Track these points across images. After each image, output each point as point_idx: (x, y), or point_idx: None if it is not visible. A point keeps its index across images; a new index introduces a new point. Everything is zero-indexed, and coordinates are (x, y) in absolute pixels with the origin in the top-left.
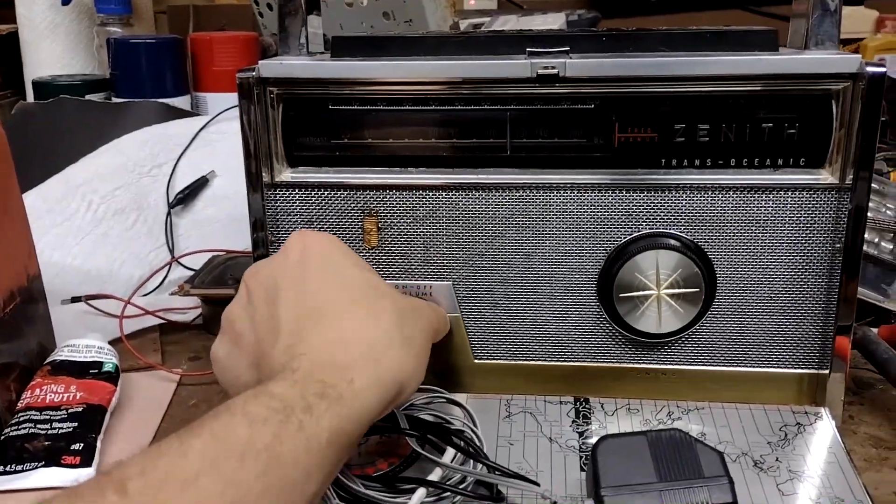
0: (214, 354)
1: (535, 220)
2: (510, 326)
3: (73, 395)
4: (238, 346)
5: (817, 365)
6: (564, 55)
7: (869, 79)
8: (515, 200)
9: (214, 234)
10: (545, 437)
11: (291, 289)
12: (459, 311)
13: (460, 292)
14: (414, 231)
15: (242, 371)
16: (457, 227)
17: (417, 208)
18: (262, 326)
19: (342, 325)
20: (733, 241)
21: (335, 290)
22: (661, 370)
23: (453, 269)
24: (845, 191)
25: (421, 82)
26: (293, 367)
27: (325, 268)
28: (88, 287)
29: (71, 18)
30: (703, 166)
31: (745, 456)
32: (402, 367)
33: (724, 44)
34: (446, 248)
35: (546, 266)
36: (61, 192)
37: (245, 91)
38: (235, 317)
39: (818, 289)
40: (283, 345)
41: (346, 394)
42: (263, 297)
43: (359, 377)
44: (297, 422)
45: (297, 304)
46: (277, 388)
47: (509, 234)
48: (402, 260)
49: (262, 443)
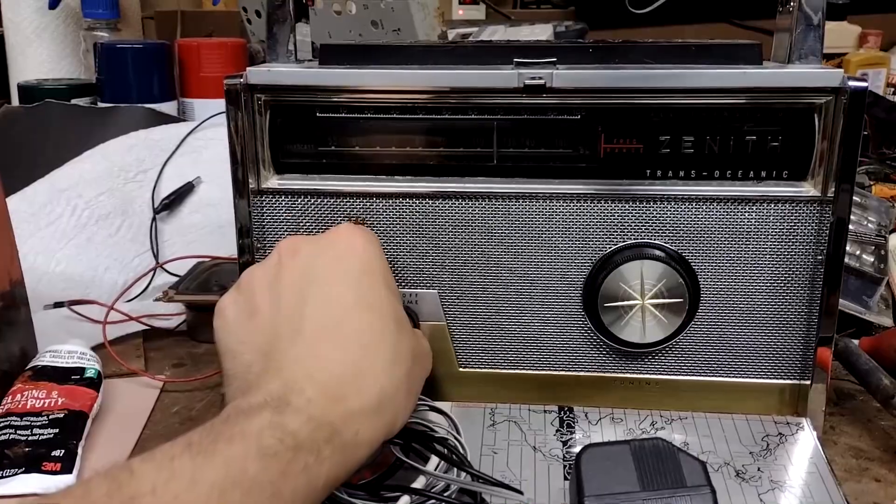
0: (222, 310)
1: (521, 229)
2: (495, 335)
3: (54, 400)
4: (252, 320)
5: (799, 376)
6: (551, 66)
7: (851, 93)
8: (501, 210)
9: (200, 241)
10: (529, 446)
11: (324, 291)
12: (445, 320)
13: (446, 301)
14: (400, 239)
15: (248, 349)
16: (442, 237)
17: (404, 216)
18: (284, 318)
19: (361, 360)
20: (717, 251)
21: (366, 317)
22: (645, 380)
23: (439, 277)
24: (827, 203)
25: (408, 91)
26: (308, 395)
27: (364, 282)
28: (72, 292)
29: (58, 23)
30: (688, 178)
31: (728, 466)
32: (398, 416)
33: (709, 57)
34: (432, 256)
35: (531, 275)
36: (46, 196)
37: (232, 97)
38: (258, 286)
39: (800, 300)
40: (302, 352)
41: (349, 444)
42: (295, 283)
43: (363, 428)
44: (303, 463)
45: (326, 313)
46: (292, 423)
47: (495, 244)
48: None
49: (268, 479)
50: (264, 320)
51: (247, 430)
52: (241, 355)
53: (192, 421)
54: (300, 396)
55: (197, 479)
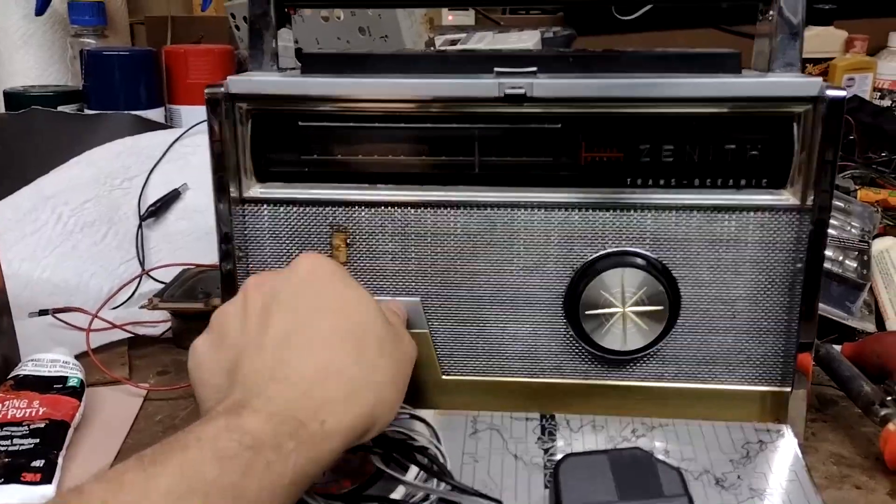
0: (194, 349)
1: (502, 237)
2: (478, 343)
3: (35, 410)
4: (219, 348)
5: (780, 382)
6: (532, 75)
7: (829, 102)
8: (483, 218)
9: (186, 248)
10: (510, 455)
11: (287, 306)
12: (428, 328)
13: (429, 308)
14: (383, 247)
15: (216, 373)
16: (425, 244)
17: (386, 225)
18: (249, 335)
19: (325, 358)
20: (697, 259)
21: (329, 318)
22: (627, 387)
23: (422, 285)
24: (806, 211)
25: (390, 100)
26: (269, 394)
27: (325, 293)
28: (57, 300)
29: (45, 29)
30: (668, 186)
31: (707, 473)
32: (376, 405)
33: (688, 66)
34: (415, 264)
35: (513, 283)
36: (31, 203)
37: (214, 106)
38: (225, 318)
39: (780, 307)
40: (264, 361)
41: (316, 435)
42: (260, 307)
43: (331, 418)
44: (265, 461)
45: (289, 322)
46: (251, 423)
47: (477, 252)
48: (371, 276)
49: (229, 481)
50: (230, 345)
51: (202, 435)
52: (209, 381)
53: (175, 429)
54: (259, 398)
55: (149, 488)
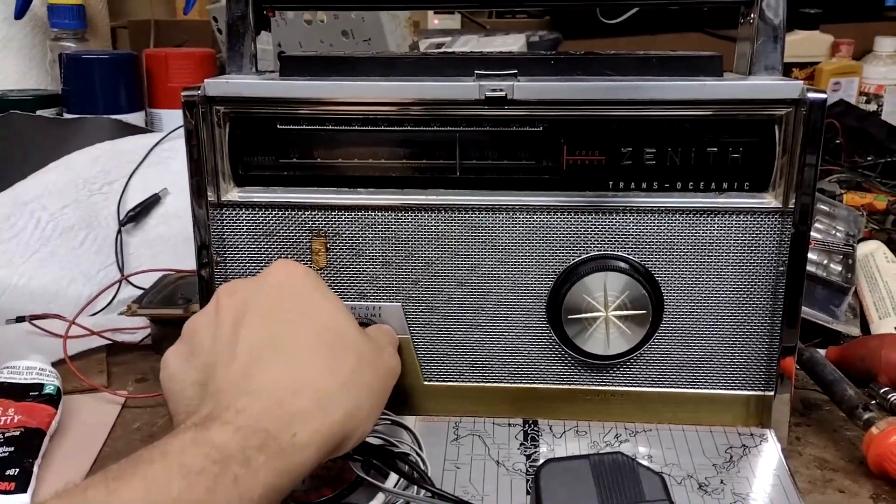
0: (166, 360)
1: (484, 241)
2: (460, 348)
3: (10, 418)
4: (191, 359)
5: (763, 386)
6: (512, 78)
7: (810, 104)
8: (465, 222)
9: (166, 253)
10: (492, 461)
11: (259, 315)
12: (409, 333)
13: (410, 314)
14: (363, 252)
15: (188, 385)
16: (406, 249)
17: (366, 229)
18: (221, 346)
19: (297, 368)
20: (679, 263)
21: (301, 327)
22: (610, 392)
23: (403, 290)
24: (789, 214)
25: (370, 103)
26: (238, 407)
27: (298, 302)
28: (34, 306)
29: (25, 33)
30: (650, 189)
31: (691, 478)
32: (351, 417)
33: (670, 69)
34: (395, 269)
35: (495, 287)
36: (9, 208)
37: (191, 109)
38: (197, 328)
39: (763, 310)
40: (235, 373)
41: (287, 448)
42: (231, 317)
43: (302, 430)
44: (232, 475)
45: (261, 332)
46: (219, 436)
47: (458, 256)
48: (351, 281)
49: (195, 496)
50: (201, 356)
51: (168, 449)
52: (182, 393)
53: (153, 438)
54: (228, 411)
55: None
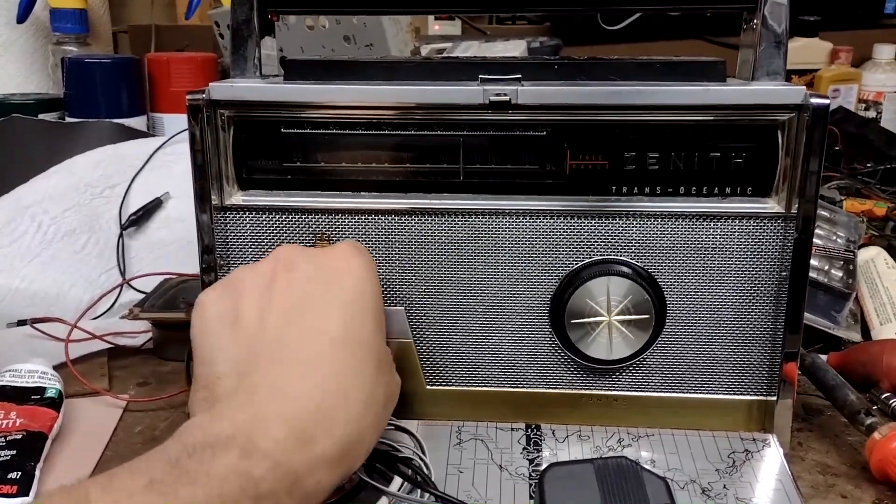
0: (203, 306)
1: (486, 246)
2: (462, 352)
3: (12, 421)
4: (233, 328)
5: (766, 391)
6: (516, 83)
7: (813, 110)
8: (467, 227)
9: (168, 257)
10: (495, 465)
11: (312, 317)
12: (412, 337)
13: (413, 318)
14: None
15: (224, 358)
16: (409, 252)
17: (369, 233)
18: (267, 340)
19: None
20: (683, 268)
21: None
22: (613, 397)
23: (406, 294)
24: (791, 219)
25: (374, 107)
26: (277, 436)
27: (354, 311)
28: (36, 310)
29: (27, 37)
30: (653, 194)
31: (694, 483)
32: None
33: (673, 74)
34: (399, 273)
35: (498, 291)
36: (10, 212)
37: (195, 113)
38: (246, 291)
39: (766, 316)
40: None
41: (310, 492)
42: (284, 301)
43: (325, 478)
44: None
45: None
46: (258, 470)
47: (460, 263)
48: None
49: None
50: (245, 334)
51: (211, 472)
52: (214, 364)
53: (154, 441)
54: (268, 438)
55: None
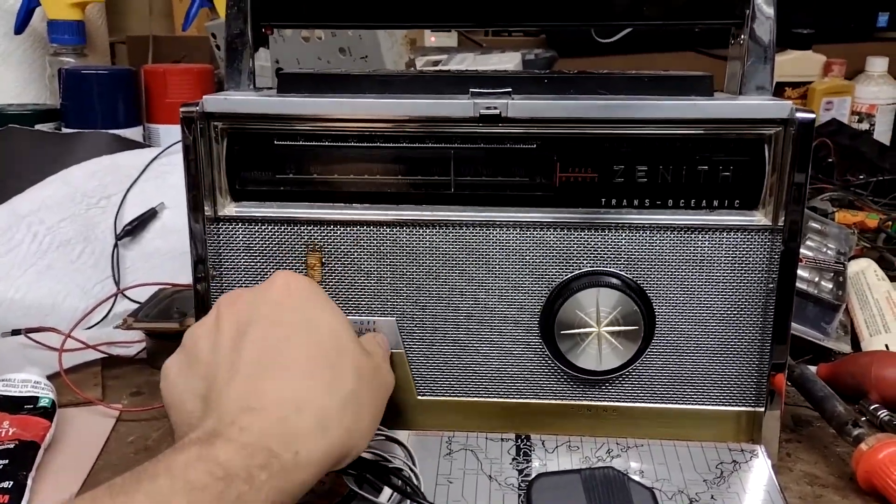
0: (166, 370)
1: (478, 256)
2: (453, 362)
3: (5, 430)
4: (192, 370)
5: (754, 402)
6: (507, 96)
7: (799, 124)
8: (459, 237)
9: (162, 267)
10: (485, 475)
11: (261, 328)
12: (403, 348)
13: (404, 328)
14: (358, 267)
15: (189, 397)
16: (400, 263)
17: (362, 244)
18: (223, 359)
19: (299, 386)
20: (671, 279)
21: (303, 342)
22: (602, 407)
23: (397, 305)
24: (778, 232)
25: (366, 119)
26: (242, 424)
27: (300, 316)
28: (30, 320)
29: (24, 48)
30: (642, 206)
31: (681, 494)
32: (350, 436)
33: (661, 88)
34: (390, 283)
35: (489, 302)
36: (6, 222)
37: (189, 125)
38: (198, 338)
39: (754, 327)
40: (238, 388)
41: (289, 466)
42: (233, 328)
43: (304, 449)
44: (235, 493)
45: (262, 346)
46: (223, 453)
47: (450, 276)
48: (346, 295)
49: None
50: (203, 367)
51: (172, 465)
52: (182, 405)
53: (147, 451)
54: (232, 427)
55: None
